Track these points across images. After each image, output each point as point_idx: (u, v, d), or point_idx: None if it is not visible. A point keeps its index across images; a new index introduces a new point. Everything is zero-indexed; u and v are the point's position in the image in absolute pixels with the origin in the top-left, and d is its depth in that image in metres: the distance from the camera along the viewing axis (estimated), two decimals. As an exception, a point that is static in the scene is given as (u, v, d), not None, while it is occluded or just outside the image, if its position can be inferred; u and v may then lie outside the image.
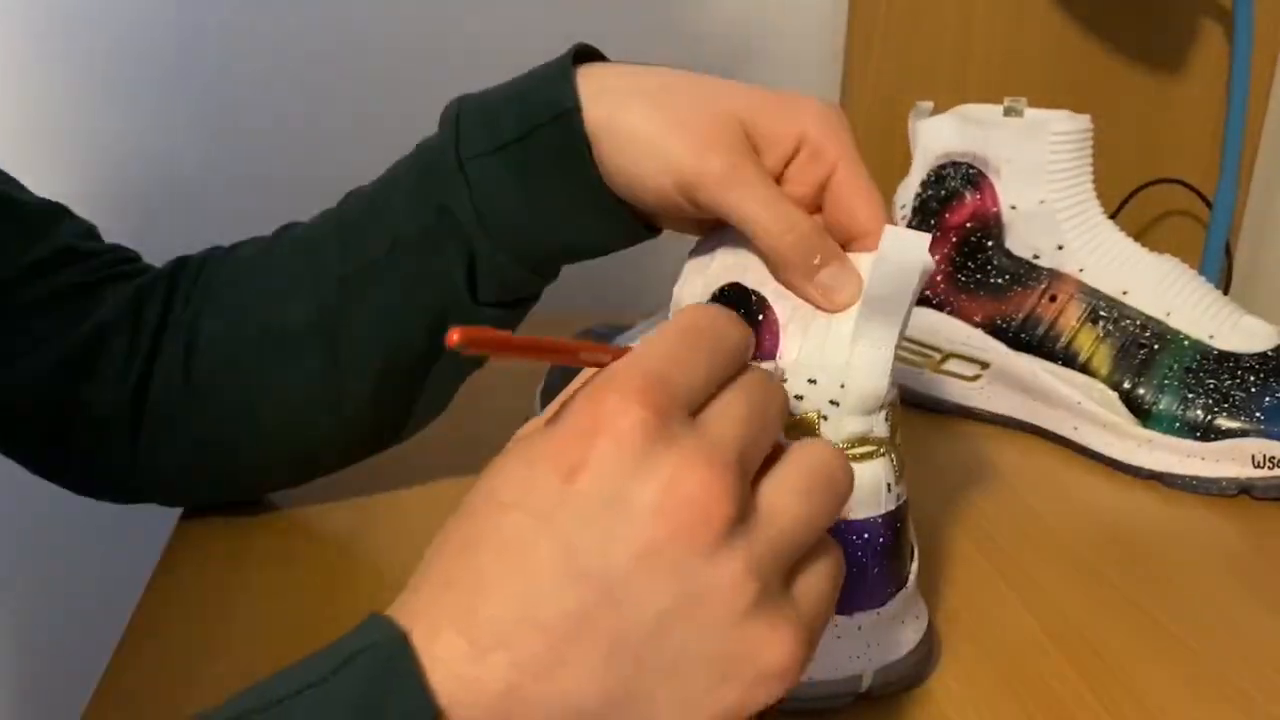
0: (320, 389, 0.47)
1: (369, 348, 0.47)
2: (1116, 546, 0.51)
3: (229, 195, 0.79)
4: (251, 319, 0.48)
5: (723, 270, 0.40)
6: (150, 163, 0.78)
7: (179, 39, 0.76)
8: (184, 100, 0.77)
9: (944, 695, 0.41)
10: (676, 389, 0.27)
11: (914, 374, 0.67)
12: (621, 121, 0.40)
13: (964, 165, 0.63)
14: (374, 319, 0.46)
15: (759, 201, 0.38)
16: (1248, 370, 0.56)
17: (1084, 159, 0.61)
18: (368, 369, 0.47)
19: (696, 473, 0.26)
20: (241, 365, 0.48)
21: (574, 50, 0.43)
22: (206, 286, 0.49)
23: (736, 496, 0.26)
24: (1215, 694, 0.41)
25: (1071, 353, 0.61)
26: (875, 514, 0.38)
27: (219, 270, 0.50)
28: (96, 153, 0.77)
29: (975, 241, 0.63)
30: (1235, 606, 0.47)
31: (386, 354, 0.47)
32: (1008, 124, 0.62)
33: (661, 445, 0.26)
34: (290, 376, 0.47)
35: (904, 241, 0.35)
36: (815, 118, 0.39)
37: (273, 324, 0.47)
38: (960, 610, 0.46)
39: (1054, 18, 0.76)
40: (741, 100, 0.39)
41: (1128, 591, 0.47)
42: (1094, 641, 0.44)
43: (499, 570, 0.26)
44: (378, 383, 0.47)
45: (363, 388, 0.47)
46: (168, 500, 0.52)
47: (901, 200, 0.67)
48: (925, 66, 0.76)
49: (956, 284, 0.64)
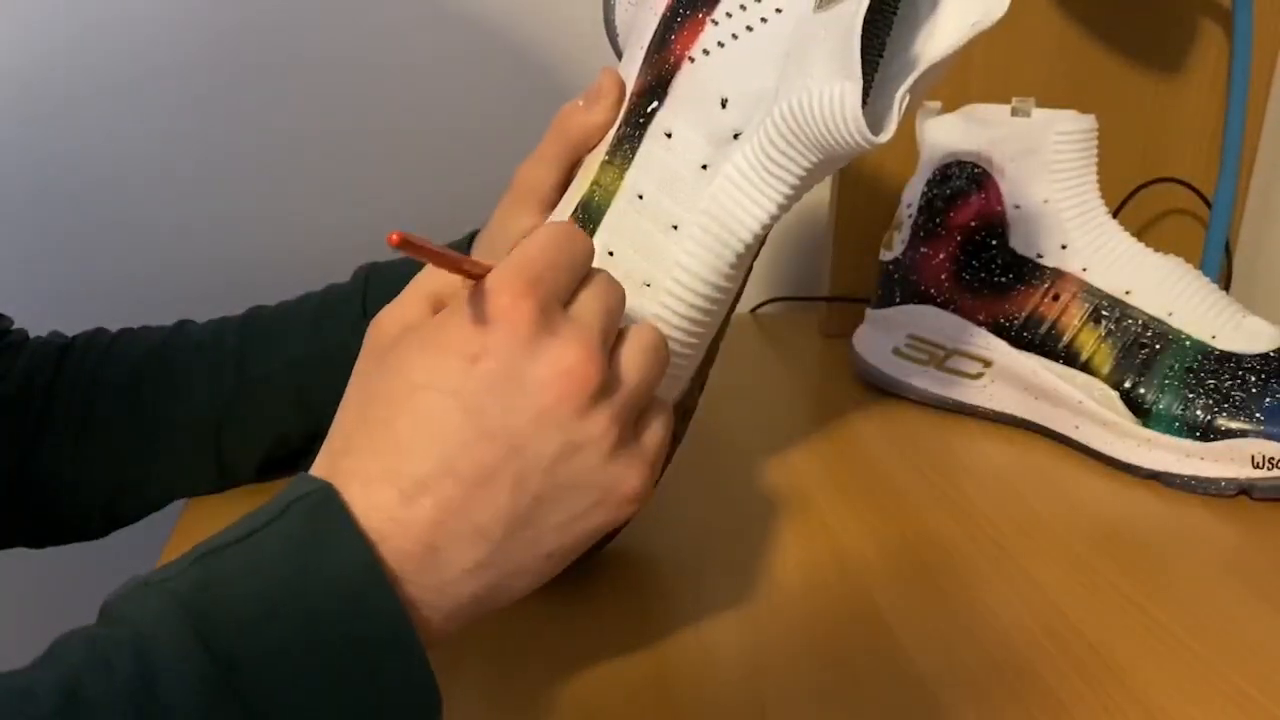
0: (206, 474, 0.54)
1: (255, 445, 0.54)
2: (1116, 546, 0.51)
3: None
4: (146, 412, 0.52)
5: None
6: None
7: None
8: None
9: (944, 694, 0.41)
10: (552, 288, 0.34)
11: (916, 371, 0.67)
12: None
13: (969, 165, 0.63)
14: (261, 425, 0.53)
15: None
16: (1249, 371, 0.56)
17: (1088, 159, 0.61)
18: (252, 463, 0.54)
19: (574, 352, 0.33)
20: (133, 450, 0.52)
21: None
22: (97, 373, 0.52)
23: (602, 369, 0.34)
24: (1215, 694, 0.41)
25: (1073, 352, 0.61)
26: None
27: (112, 358, 0.53)
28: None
29: (979, 240, 0.63)
30: (1235, 606, 0.47)
31: (271, 451, 0.54)
32: (1013, 124, 0.62)
33: (546, 333, 0.33)
34: (178, 468, 0.53)
35: None
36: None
37: (163, 419, 0.52)
38: (960, 609, 0.46)
39: (1054, 18, 0.76)
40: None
41: (1127, 591, 0.48)
42: (1094, 641, 0.44)
43: (419, 437, 0.33)
44: (259, 469, 0.54)
45: (248, 474, 0.55)
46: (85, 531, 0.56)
47: (908, 199, 0.67)
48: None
49: (960, 282, 0.64)
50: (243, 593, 0.30)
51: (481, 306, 0.33)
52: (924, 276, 0.66)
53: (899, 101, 0.39)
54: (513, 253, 0.34)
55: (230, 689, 0.28)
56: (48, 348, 0.53)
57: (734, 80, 0.41)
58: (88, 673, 0.28)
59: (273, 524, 0.31)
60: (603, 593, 0.47)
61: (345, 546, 0.31)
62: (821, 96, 0.38)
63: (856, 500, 0.55)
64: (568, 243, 0.35)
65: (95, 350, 0.53)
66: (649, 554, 0.50)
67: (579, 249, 0.36)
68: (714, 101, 0.41)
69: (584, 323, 0.34)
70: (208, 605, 0.29)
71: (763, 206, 0.41)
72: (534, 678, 0.41)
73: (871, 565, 0.49)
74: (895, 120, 0.39)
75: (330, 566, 0.31)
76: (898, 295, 0.68)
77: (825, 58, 0.38)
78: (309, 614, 0.30)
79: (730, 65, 0.41)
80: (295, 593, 0.30)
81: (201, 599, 0.29)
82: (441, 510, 0.32)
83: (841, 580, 0.48)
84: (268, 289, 0.60)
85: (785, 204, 0.41)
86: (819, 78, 0.38)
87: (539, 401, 0.33)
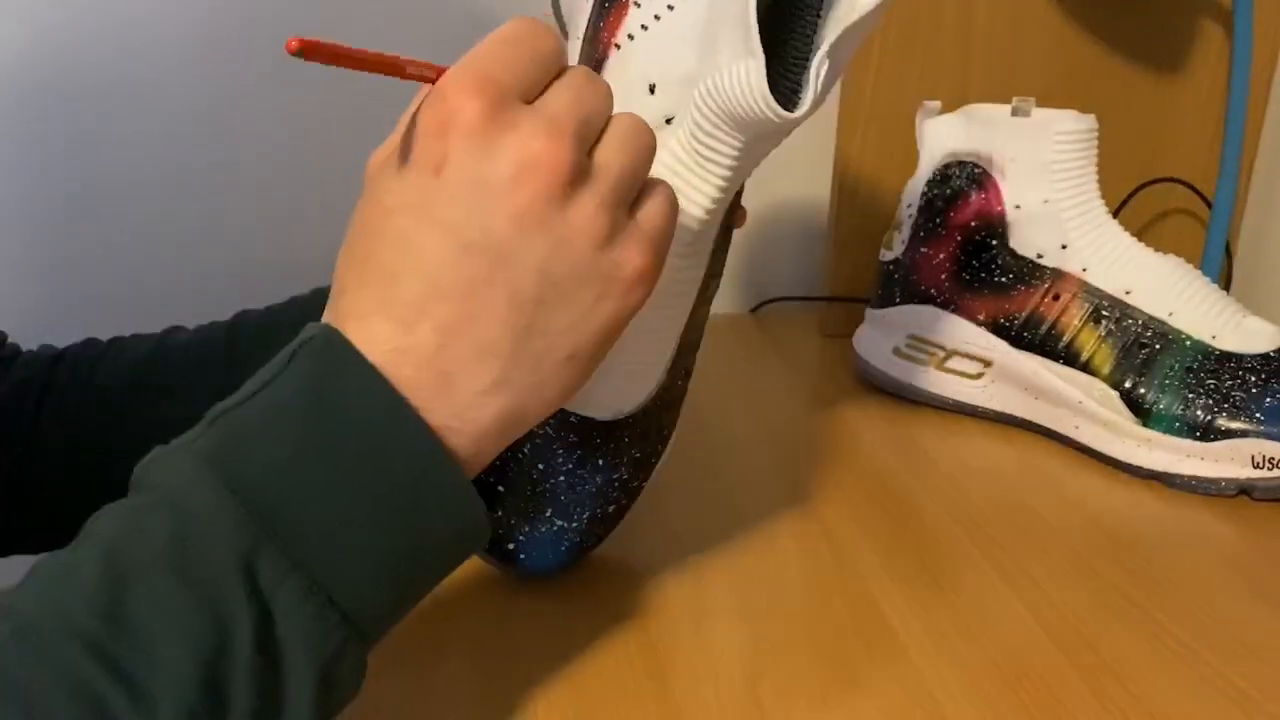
0: None
1: None
2: (1116, 546, 0.51)
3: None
4: (137, 419, 0.51)
5: None
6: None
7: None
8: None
9: (944, 694, 0.41)
10: (506, 82, 0.32)
11: (917, 371, 0.67)
12: None
13: (969, 164, 0.63)
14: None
15: None
16: (1249, 371, 0.56)
17: (1089, 159, 0.61)
18: None
19: (538, 142, 0.31)
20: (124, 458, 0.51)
21: None
22: (88, 382, 0.52)
23: (574, 154, 0.32)
24: (1215, 694, 0.41)
25: (1073, 352, 0.61)
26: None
27: (102, 368, 0.53)
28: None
29: (980, 240, 0.63)
30: (1235, 606, 0.47)
31: None
32: (1013, 123, 0.62)
33: (505, 128, 0.31)
34: None
35: None
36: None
37: (153, 425, 0.51)
38: (960, 609, 0.46)
39: (1054, 18, 0.76)
40: None
41: (1128, 591, 0.48)
42: (1094, 641, 0.44)
43: (400, 262, 0.32)
44: None
45: None
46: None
47: (908, 199, 0.67)
48: (926, 67, 0.76)
49: (960, 282, 0.64)
50: (266, 441, 0.30)
51: (437, 112, 0.31)
52: (924, 276, 0.66)
53: (815, 69, 0.38)
54: (468, 52, 0.33)
55: (267, 535, 0.28)
56: (39, 360, 0.53)
57: (658, 64, 0.40)
58: (124, 541, 0.28)
59: (282, 374, 0.31)
60: (601, 592, 0.47)
61: (358, 381, 0.30)
62: (732, 75, 0.37)
63: (856, 500, 0.55)
64: (529, 37, 0.33)
65: (85, 361, 0.53)
66: (648, 554, 0.50)
67: (543, 44, 0.33)
68: (642, 88, 0.40)
69: (548, 113, 0.32)
70: (234, 459, 0.29)
71: (703, 191, 0.40)
72: (532, 678, 0.41)
73: (871, 565, 0.49)
74: (812, 92, 0.38)
75: (348, 403, 0.30)
76: (898, 295, 0.68)
77: (730, 35, 0.37)
78: (336, 453, 0.30)
79: (652, 49, 0.40)
80: (318, 434, 0.30)
81: (227, 453, 0.29)
82: (441, 333, 0.31)
83: (841, 580, 0.48)
84: (268, 292, 0.60)
85: (725, 185, 0.40)
86: (727, 55, 0.37)
87: (512, 202, 0.31)
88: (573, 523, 0.45)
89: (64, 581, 0.27)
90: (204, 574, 0.28)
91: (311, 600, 0.29)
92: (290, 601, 0.28)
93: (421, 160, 0.31)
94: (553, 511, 0.45)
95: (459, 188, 0.31)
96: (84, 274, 0.80)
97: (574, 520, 0.45)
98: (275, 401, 0.30)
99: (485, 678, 0.42)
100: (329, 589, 0.29)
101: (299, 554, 0.29)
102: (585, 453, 0.44)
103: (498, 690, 0.41)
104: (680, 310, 0.44)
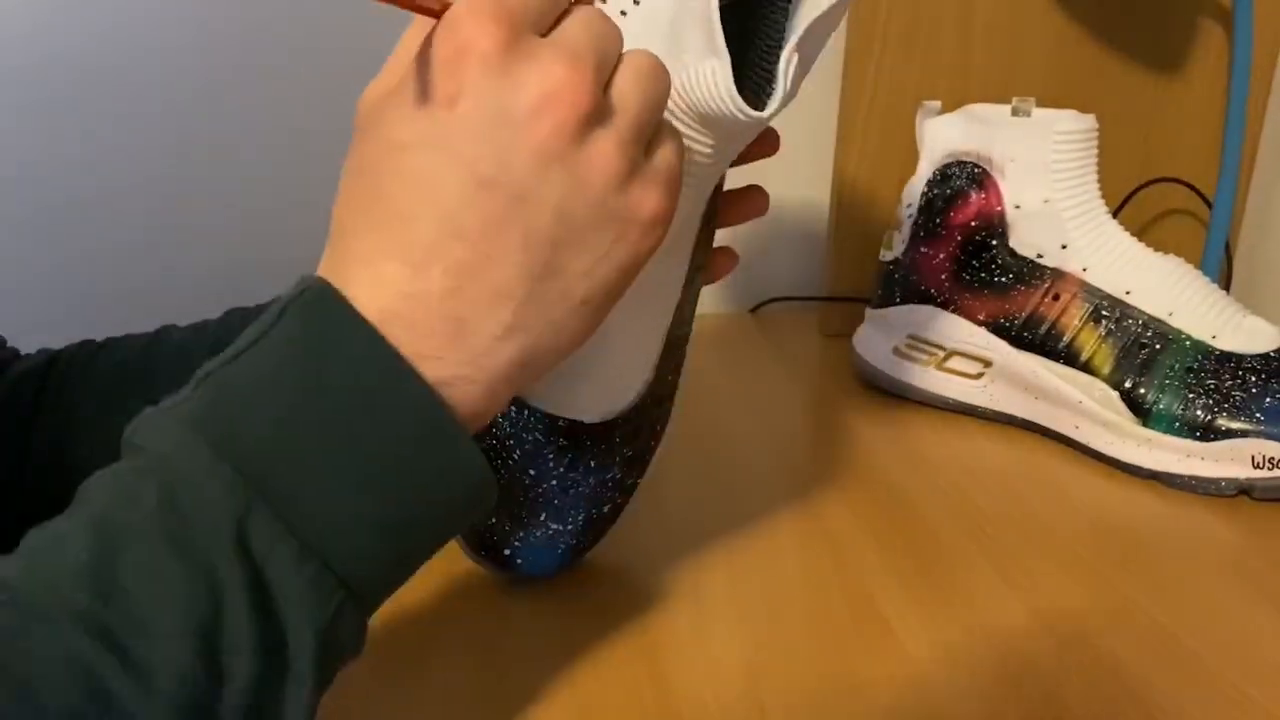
0: None
1: None
2: (1116, 546, 0.51)
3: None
4: (129, 418, 0.50)
5: None
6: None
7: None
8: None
9: (944, 694, 0.41)
10: (521, 12, 0.30)
11: (917, 371, 0.67)
12: None
13: (969, 164, 0.63)
14: None
15: None
16: (1249, 371, 0.56)
17: (1089, 159, 0.61)
18: None
19: (557, 72, 0.30)
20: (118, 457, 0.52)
21: None
22: (82, 382, 0.51)
23: (594, 88, 0.30)
24: (1215, 694, 0.41)
25: (1073, 352, 0.61)
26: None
27: (96, 367, 0.52)
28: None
29: (980, 240, 0.63)
30: (1235, 606, 0.47)
31: None
32: (1013, 123, 0.62)
33: (523, 58, 0.30)
34: None
35: None
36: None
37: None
38: (960, 609, 0.46)
39: (1054, 18, 0.76)
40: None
41: (1128, 591, 0.48)
42: (1094, 641, 0.44)
43: (414, 201, 0.30)
44: None
45: None
46: None
47: (907, 199, 0.67)
48: (926, 67, 0.76)
49: (960, 282, 0.64)
50: (255, 403, 0.29)
51: (450, 43, 0.30)
52: (924, 276, 0.66)
53: (785, 64, 0.37)
54: None
55: (261, 499, 0.28)
56: (34, 362, 0.53)
57: None
58: (115, 508, 0.27)
59: (271, 331, 0.30)
60: (601, 593, 0.47)
61: (350, 340, 0.29)
62: (699, 74, 0.36)
63: (856, 500, 0.55)
64: None
65: (79, 362, 0.53)
66: (648, 554, 0.50)
67: None
68: None
69: (566, 44, 0.31)
70: (223, 422, 0.29)
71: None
72: (532, 678, 0.41)
73: (871, 565, 0.49)
74: (782, 88, 0.37)
75: (339, 363, 0.29)
76: (898, 295, 0.68)
77: (695, 34, 0.36)
78: (327, 415, 0.29)
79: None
80: (309, 395, 0.29)
81: (216, 415, 0.29)
82: (455, 276, 0.30)
83: (841, 580, 0.48)
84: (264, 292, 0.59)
85: (699, 184, 0.40)
86: (693, 55, 0.36)
87: (532, 136, 0.30)
88: (568, 525, 0.45)
89: (54, 552, 0.27)
90: (196, 541, 0.27)
91: (307, 565, 0.28)
92: (284, 566, 0.28)
93: (434, 93, 0.30)
94: (547, 516, 0.45)
95: (476, 121, 0.30)
96: (82, 274, 0.80)
97: (569, 523, 0.45)
98: (263, 366, 0.30)
99: (485, 678, 0.42)
100: (323, 554, 0.28)
101: (292, 519, 0.28)
102: (576, 456, 0.44)
103: (498, 691, 0.41)
104: (664, 308, 0.44)
